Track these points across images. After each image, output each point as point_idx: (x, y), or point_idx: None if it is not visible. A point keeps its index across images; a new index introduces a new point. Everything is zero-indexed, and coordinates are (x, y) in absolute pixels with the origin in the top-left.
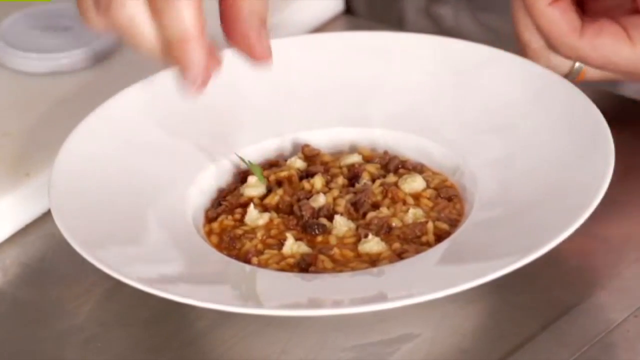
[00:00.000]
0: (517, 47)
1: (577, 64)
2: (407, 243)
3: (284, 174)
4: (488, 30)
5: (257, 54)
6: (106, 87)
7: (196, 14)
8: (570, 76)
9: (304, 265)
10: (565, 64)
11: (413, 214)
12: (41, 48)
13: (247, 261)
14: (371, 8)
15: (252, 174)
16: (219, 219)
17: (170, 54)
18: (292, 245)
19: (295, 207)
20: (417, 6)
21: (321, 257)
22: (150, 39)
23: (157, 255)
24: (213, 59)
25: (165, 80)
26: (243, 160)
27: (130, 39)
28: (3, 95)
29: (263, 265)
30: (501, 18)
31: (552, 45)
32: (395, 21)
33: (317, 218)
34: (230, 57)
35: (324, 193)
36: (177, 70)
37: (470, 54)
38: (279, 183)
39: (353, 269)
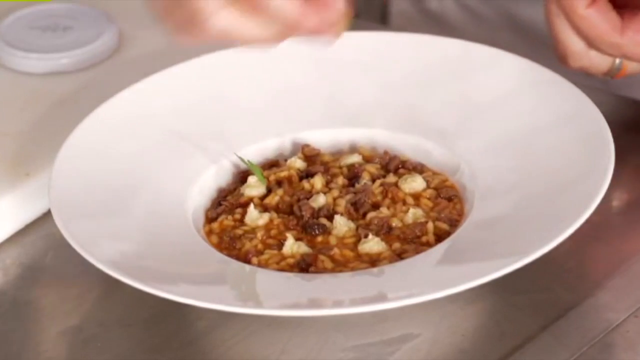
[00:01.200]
0: (556, 51)
1: (618, 61)
2: (407, 243)
3: (284, 174)
4: (472, 14)
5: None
6: (106, 87)
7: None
8: (611, 73)
9: (304, 265)
10: (606, 62)
11: (413, 214)
12: (41, 48)
13: (247, 261)
14: (371, 8)
15: (252, 174)
16: (219, 219)
17: (287, 35)
18: (292, 246)
19: (295, 207)
20: None
21: (321, 257)
22: (253, 35)
23: (157, 255)
24: (329, 10)
25: (164, 80)
26: (243, 160)
27: (230, 40)
28: (3, 95)
29: (263, 265)
30: (485, 3)
31: (594, 46)
32: (379, 6)
33: (317, 218)
34: (231, 57)
35: (324, 193)
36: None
37: (470, 55)
38: (279, 183)
39: (353, 269)
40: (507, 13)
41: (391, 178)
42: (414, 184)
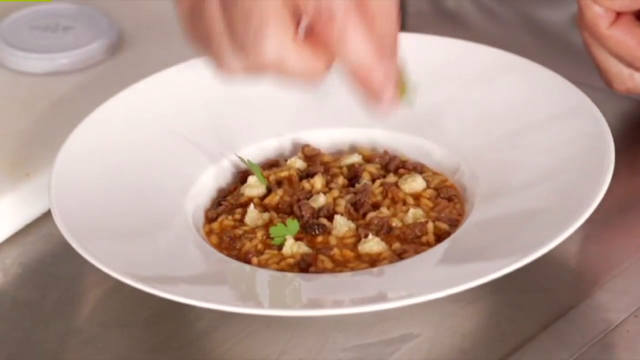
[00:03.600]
0: (602, 78)
1: None
2: (407, 243)
3: (284, 174)
4: (489, 14)
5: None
6: (106, 87)
7: (369, 41)
8: None
9: (304, 265)
10: None
11: (413, 214)
12: (41, 48)
13: (247, 261)
14: None
15: (252, 174)
16: (219, 219)
17: (355, 78)
18: (292, 246)
19: (295, 207)
20: None
21: (321, 257)
22: (304, 72)
23: (157, 255)
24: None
25: (165, 80)
26: (243, 160)
27: (278, 74)
28: (3, 95)
29: (263, 265)
30: (502, 2)
31: (627, 63)
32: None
33: (317, 218)
34: None
35: (324, 193)
36: (363, 92)
37: (471, 55)
38: (279, 183)
39: (353, 269)
40: (524, 14)
41: (391, 178)
42: (414, 184)
